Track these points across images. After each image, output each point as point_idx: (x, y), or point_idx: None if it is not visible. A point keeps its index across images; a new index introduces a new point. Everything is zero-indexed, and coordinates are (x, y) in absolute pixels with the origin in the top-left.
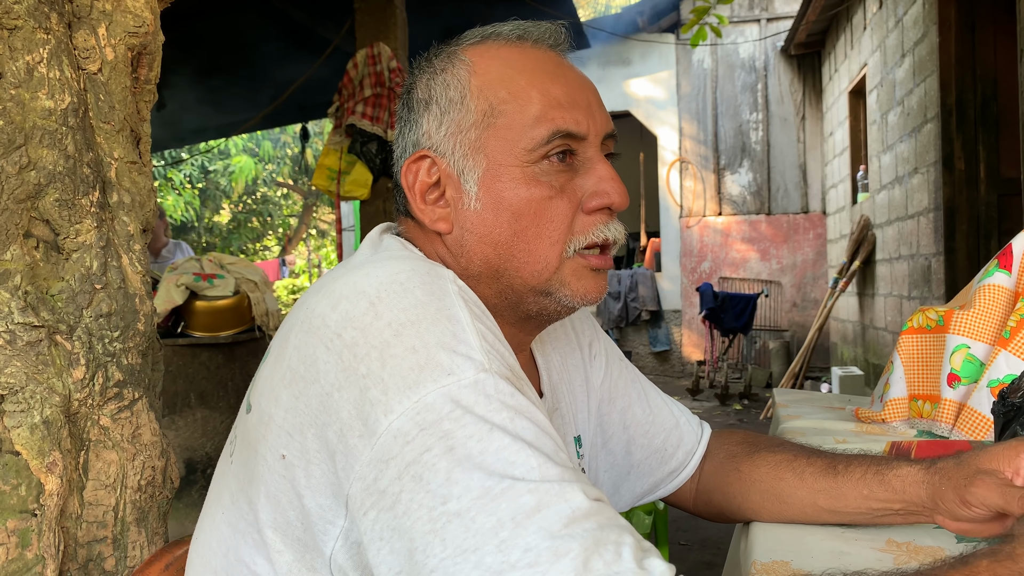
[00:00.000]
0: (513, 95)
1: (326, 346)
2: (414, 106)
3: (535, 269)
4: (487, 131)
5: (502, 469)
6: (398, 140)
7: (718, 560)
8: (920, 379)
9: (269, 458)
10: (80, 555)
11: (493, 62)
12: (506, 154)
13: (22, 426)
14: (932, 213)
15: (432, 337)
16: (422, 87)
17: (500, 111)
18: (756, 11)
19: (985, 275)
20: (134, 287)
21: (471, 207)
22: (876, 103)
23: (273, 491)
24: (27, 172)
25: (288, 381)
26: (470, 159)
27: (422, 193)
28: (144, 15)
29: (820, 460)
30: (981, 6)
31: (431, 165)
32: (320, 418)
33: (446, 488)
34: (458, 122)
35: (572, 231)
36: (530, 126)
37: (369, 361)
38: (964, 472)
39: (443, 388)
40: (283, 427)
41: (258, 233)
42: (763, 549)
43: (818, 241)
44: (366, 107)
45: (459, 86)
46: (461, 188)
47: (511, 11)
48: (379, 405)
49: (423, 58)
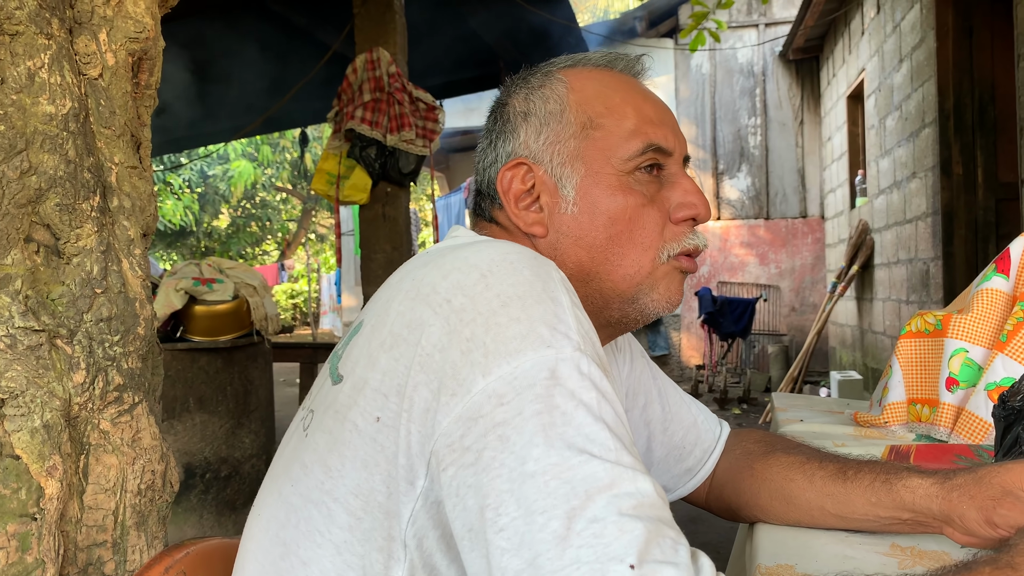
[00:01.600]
0: (610, 110)
1: (434, 310)
2: (510, 118)
3: (627, 272)
4: (585, 141)
5: (582, 444)
6: (487, 151)
7: (719, 565)
8: (919, 383)
9: (360, 423)
10: (80, 559)
11: (588, 81)
12: (603, 163)
13: (22, 430)
14: (930, 217)
15: (536, 312)
16: (519, 101)
17: (598, 124)
18: (754, 16)
19: (983, 279)
20: (134, 291)
21: (568, 211)
22: (874, 108)
23: (362, 455)
24: (28, 177)
25: (389, 345)
26: (568, 167)
27: (516, 198)
28: (145, 21)
29: (832, 465)
30: (978, 11)
31: (527, 172)
32: (418, 377)
33: (527, 451)
34: (557, 132)
35: (663, 238)
36: (625, 139)
37: (475, 326)
38: (987, 491)
39: (541, 358)
40: (379, 390)
41: (257, 237)
42: (768, 552)
43: (816, 245)
44: (365, 112)
45: (558, 100)
46: (558, 194)
47: (509, 15)
48: (478, 367)
49: (517, 76)
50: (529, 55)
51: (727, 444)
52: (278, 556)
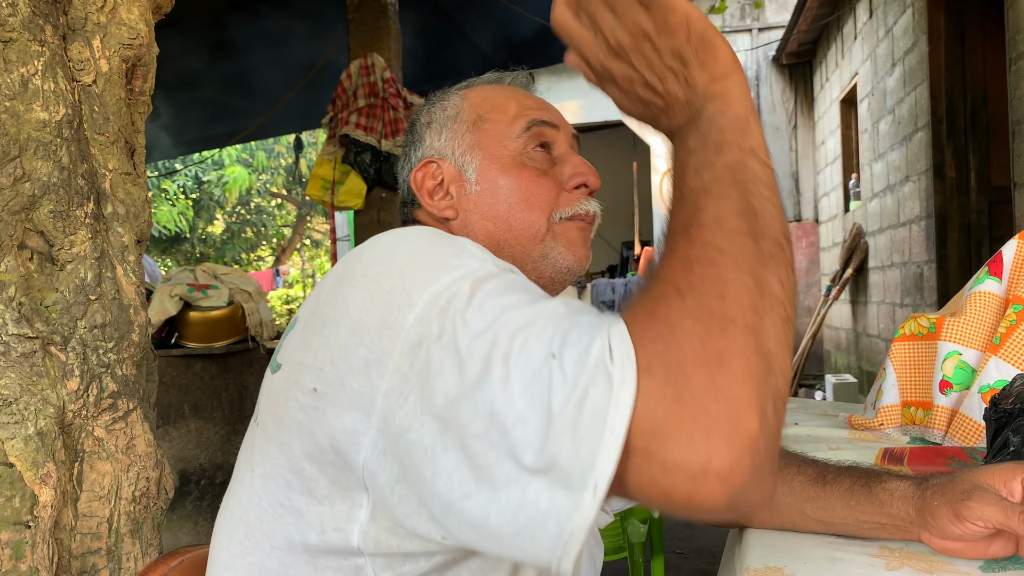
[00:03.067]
0: (495, 106)
1: (353, 287)
2: (417, 130)
3: (529, 234)
4: (478, 133)
5: (505, 304)
6: (404, 164)
7: (713, 569)
8: (912, 386)
9: (300, 397)
10: (74, 567)
11: (479, 91)
12: (497, 147)
13: (16, 437)
14: (924, 221)
15: (444, 251)
16: (424, 116)
17: (486, 117)
18: (747, 21)
19: (976, 282)
20: (129, 298)
21: (472, 191)
22: (867, 112)
23: (306, 425)
24: (22, 184)
25: (319, 328)
26: (468, 155)
27: (429, 192)
28: (139, 27)
29: (811, 469)
30: (970, 15)
31: (435, 168)
32: (351, 341)
33: (465, 339)
34: (454, 130)
35: (557, 204)
36: (510, 123)
37: (392, 281)
38: (959, 487)
39: (457, 275)
40: (314, 365)
41: (252, 243)
42: (757, 555)
43: (811, 249)
44: (360, 117)
45: (454, 106)
46: (463, 179)
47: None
48: (404, 306)
49: (424, 101)
50: (524, 60)
51: None
52: (243, 536)
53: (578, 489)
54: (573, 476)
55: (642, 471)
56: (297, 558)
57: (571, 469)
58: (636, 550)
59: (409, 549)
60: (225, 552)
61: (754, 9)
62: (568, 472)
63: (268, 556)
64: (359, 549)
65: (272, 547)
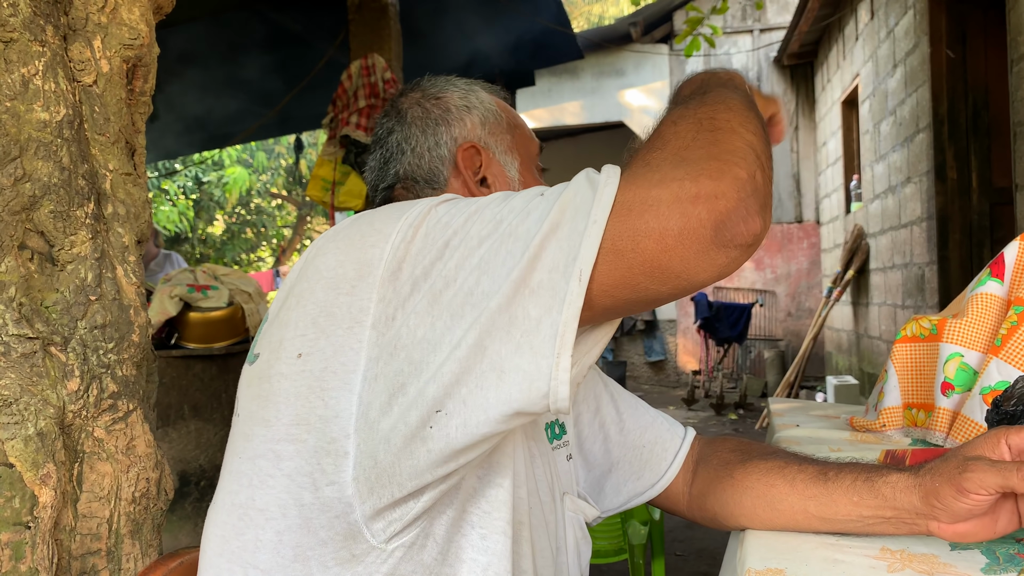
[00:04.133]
0: (518, 120)
1: (323, 254)
2: (451, 109)
3: None
4: (513, 136)
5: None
6: (423, 138)
7: (713, 571)
8: (914, 388)
9: (284, 368)
10: (74, 568)
11: (495, 98)
12: (526, 155)
13: (16, 438)
14: (925, 222)
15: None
16: (458, 96)
17: (515, 125)
18: (749, 22)
19: (978, 284)
20: (129, 298)
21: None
22: (869, 113)
23: (292, 390)
24: (22, 184)
25: (294, 305)
26: (508, 155)
27: (474, 173)
28: (139, 27)
29: (811, 467)
30: (971, 17)
31: (476, 155)
32: (328, 297)
33: (462, 213)
34: (495, 125)
35: None
36: (530, 139)
37: (361, 230)
38: (953, 464)
39: (426, 203)
40: (295, 335)
41: (252, 244)
42: (757, 556)
43: (812, 251)
44: (360, 118)
45: (491, 103)
46: (506, 176)
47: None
48: (379, 242)
49: (432, 79)
50: (523, 61)
51: (702, 453)
52: (236, 519)
53: (563, 283)
54: (555, 276)
55: (637, 223)
56: (291, 523)
57: (557, 266)
58: (637, 552)
59: (396, 494)
60: (218, 540)
61: (755, 10)
62: (551, 274)
63: (263, 529)
64: (351, 498)
65: (266, 519)
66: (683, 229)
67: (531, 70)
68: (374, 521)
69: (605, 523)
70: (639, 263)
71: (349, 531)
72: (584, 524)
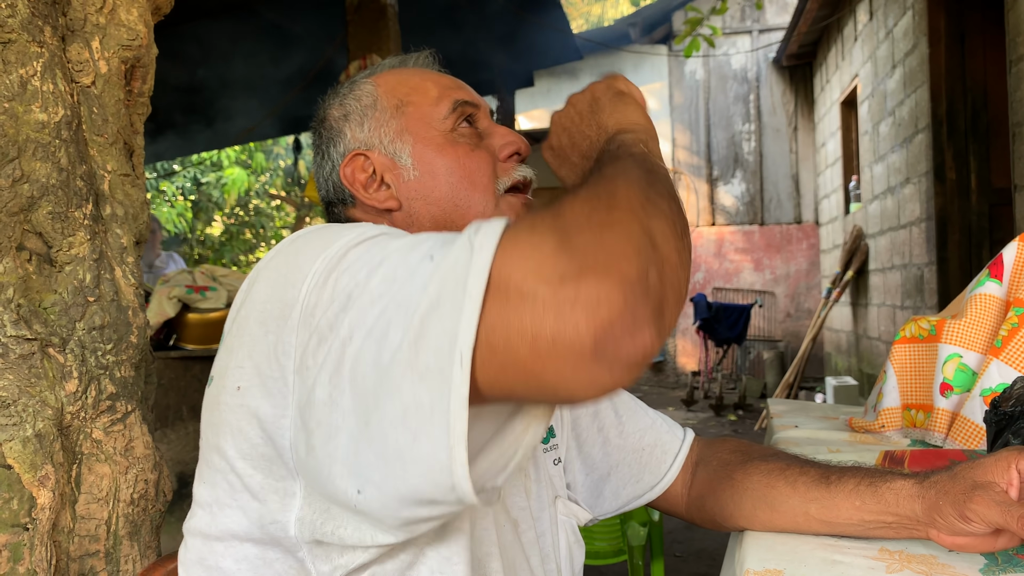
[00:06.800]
0: (413, 88)
1: (260, 282)
2: (333, 125)
3: (476, 211)
4: (403, 118)
5: (393, 242)
6: (322, 163)
7: (713, 572)
8: (913, 388)
9: (227, 399)
10: (72, 569)
11: (389, 76)
12: (426, 129)
13: (14, 439)
14: (924, 223)
15: (341, 228)
16: (336, 110)
17: (408, 101)
18: (748, 22)
19: (977, 284)
20: (127, 300)
21: (411, 177)
22: (868, 114)
23: (235, 423)
24: (20, 185)
25: (236, 332)
26: (398, 142)
27: (364, 185)
28: (138, 28)
29: (813, 470)
30: (970, 17)
31: (364, 160)
32: (259, 332)
33: (354, 269)
34: (377, 118)
35: (496, 175)
36: (434, 104)
37: (287, 264)
38: (961, 486)
39: (347, 240)
40: (236, 365)
41: (251, 245)
42: (756, 557)
43: (811, 251)
44: None
45: (369, 95)
46: (398, 166)
47: (503, 22)
48: (298, 281)
49: (326, 95)
50: (523, 62)
51: (701, 455)
52: (200, 542)
53: (448, 368)
54: (441, 360)
55: (511, 318)
56: (247, 553)
57: (441, 349)
58: (636, 553)
59: (344, 537)
60: (189, 564)
61: (755, 11)
62: (436, 357)
63: (222, 557)
64: (296, 539)
65: (225, 548)
66: (557, 336)
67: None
68: (321, 562)
69: (604, 524)
70: (511, 365)
71: (301, 568)
72: (576, 527)
